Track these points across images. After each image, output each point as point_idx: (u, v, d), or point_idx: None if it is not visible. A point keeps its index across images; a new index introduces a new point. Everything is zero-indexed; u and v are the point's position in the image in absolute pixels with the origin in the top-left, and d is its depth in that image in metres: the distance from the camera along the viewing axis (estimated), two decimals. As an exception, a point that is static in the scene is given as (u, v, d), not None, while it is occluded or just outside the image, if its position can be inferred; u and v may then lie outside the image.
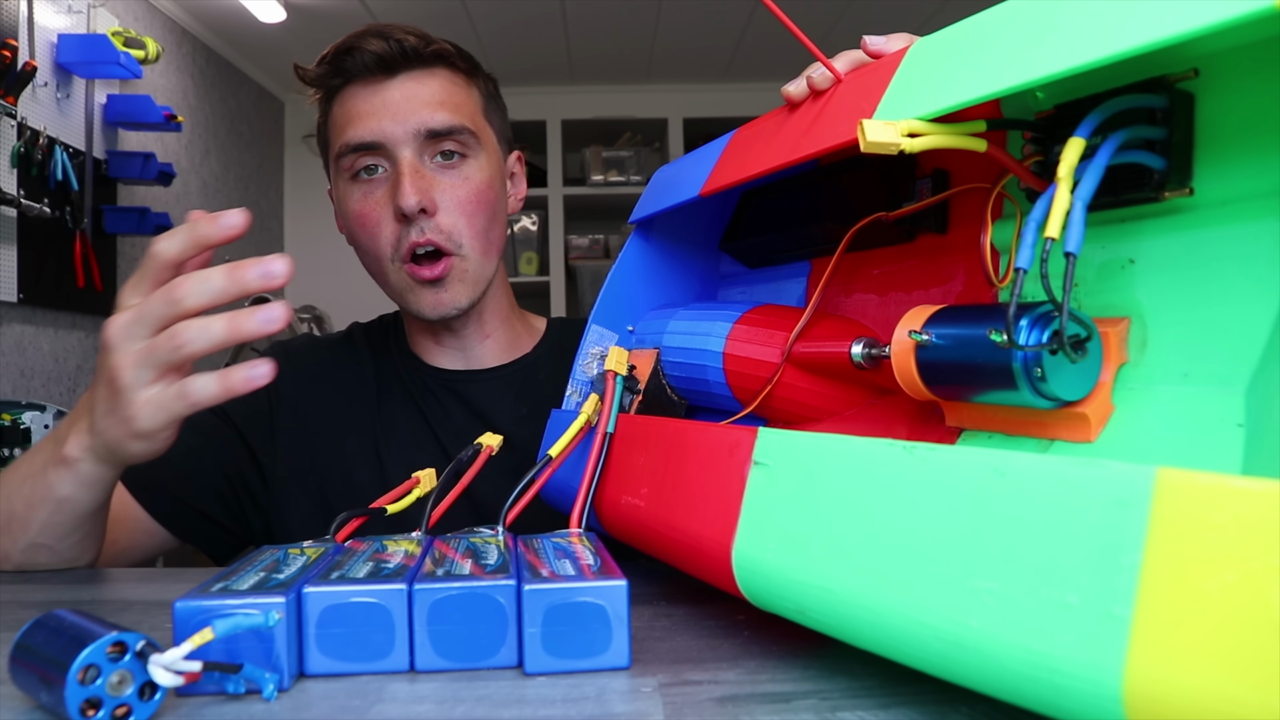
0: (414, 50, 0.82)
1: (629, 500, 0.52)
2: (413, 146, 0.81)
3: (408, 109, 0.81)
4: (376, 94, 0.81)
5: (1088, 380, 0.38)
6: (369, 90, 0.82)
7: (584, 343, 0.71)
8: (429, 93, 0.82)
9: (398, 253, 0.81)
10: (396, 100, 0.81)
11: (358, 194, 0.82)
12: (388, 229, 0.81)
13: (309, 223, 3.74)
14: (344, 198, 0.84)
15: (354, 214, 0.83)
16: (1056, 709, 0.27)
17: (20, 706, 0.37)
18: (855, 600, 0.33)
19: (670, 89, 3.83)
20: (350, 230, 0.85)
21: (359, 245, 0.85)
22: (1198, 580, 0.23)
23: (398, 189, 0.79)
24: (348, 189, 0.83)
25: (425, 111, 0.81)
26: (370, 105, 0.81)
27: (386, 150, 0.81)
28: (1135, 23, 0.30)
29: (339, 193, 0.85)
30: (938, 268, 0.53)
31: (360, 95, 0.82)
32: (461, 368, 0.91)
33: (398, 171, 0.80)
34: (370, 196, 0.82)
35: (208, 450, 0.85)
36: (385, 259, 0.82)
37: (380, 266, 0.83)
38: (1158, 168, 0.37)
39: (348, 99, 0.83)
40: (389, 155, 0.81)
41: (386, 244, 0.81)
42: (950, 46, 0.41)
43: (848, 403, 0.56)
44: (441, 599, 0.40)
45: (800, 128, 0.50)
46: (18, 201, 1.91)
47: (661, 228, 0.72)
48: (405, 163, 0.80)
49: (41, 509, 0.64)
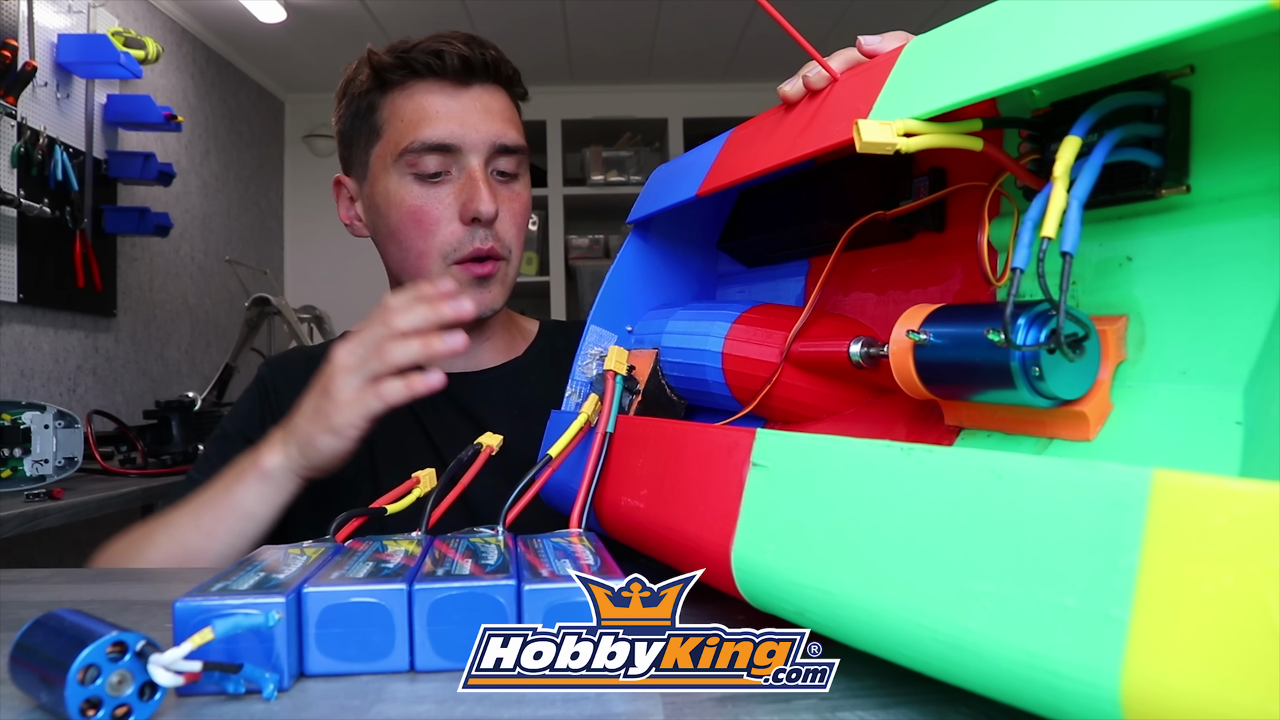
0: (494, 64, 0.85)
1: (628, 501, 0.52)
2: (483, 156, 0.83)
3: (485, 120, 0.83)
4: (455, 98, 0.83)
5: (1086, 379, 0.38)
6: (446, 93, 0.83)
7: (583, 343, 0.71)
8: (501, 108, 0.85)
9: (455, 253, 0.83)
10: (477, 109, 0.83)
11: (419, 192, 0.83)
12: (448, 229, 0.83)
13: (309, 223, 3.74)
14: (399, 192, 0.84)
15: (412, 209, 0.83)
16: (1054, 711, 0.27)
17: (20, 706, 0.37)
18: (854, 602, 0.33)
19: (670, 89, 3.83)
20: (395, 225, 0.84)
21: (403, 241, 0.84)
22: (1195, 582, 0.23)
23: (475, 195, 0.81)
24: (406, 185, 0.83)
25: (500, 126, 0.84)
26: (449, 109, 0.83)
27: (459, 154, 0.82)
28: (1131, 21, 0.30)
29: (389, 185, 0.84)
30: (935, 266, 0.53)
31: (437, 94, 0.83)
32: (457, 370, 0.92)
33: (471, 178, 0.82)
34: (435, 197, 0.83)
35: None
36: (434, 257, 0.83)
37: (423, 263, 0.84)
38: (1154, 165, 0.37)
39: (419, 95, 0.84)
40: (459, 160, 0.83)
41: (444, 243, 0.83)
42: (946, 45, 0.41)
43: (846, 402, 0.56)
44: (441, 599, 0.40)
45: (796, 127, 0.50)
46: (18, 201, 1.91)
47: (659, 227, 0.72)
48: (479, 170, 0.82)
49: (222, 531, 0.71)
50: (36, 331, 2.12)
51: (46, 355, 2.16)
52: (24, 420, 1.49)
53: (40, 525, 1.39)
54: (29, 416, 1.50)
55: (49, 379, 2.17)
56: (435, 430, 0.89)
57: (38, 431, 1.50)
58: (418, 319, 0.66)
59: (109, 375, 2.43)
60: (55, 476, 1.53)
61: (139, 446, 1.87)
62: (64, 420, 1.55)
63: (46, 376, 2.16)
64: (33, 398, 2.01)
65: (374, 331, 0.67)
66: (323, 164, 3.74)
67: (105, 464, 1.80)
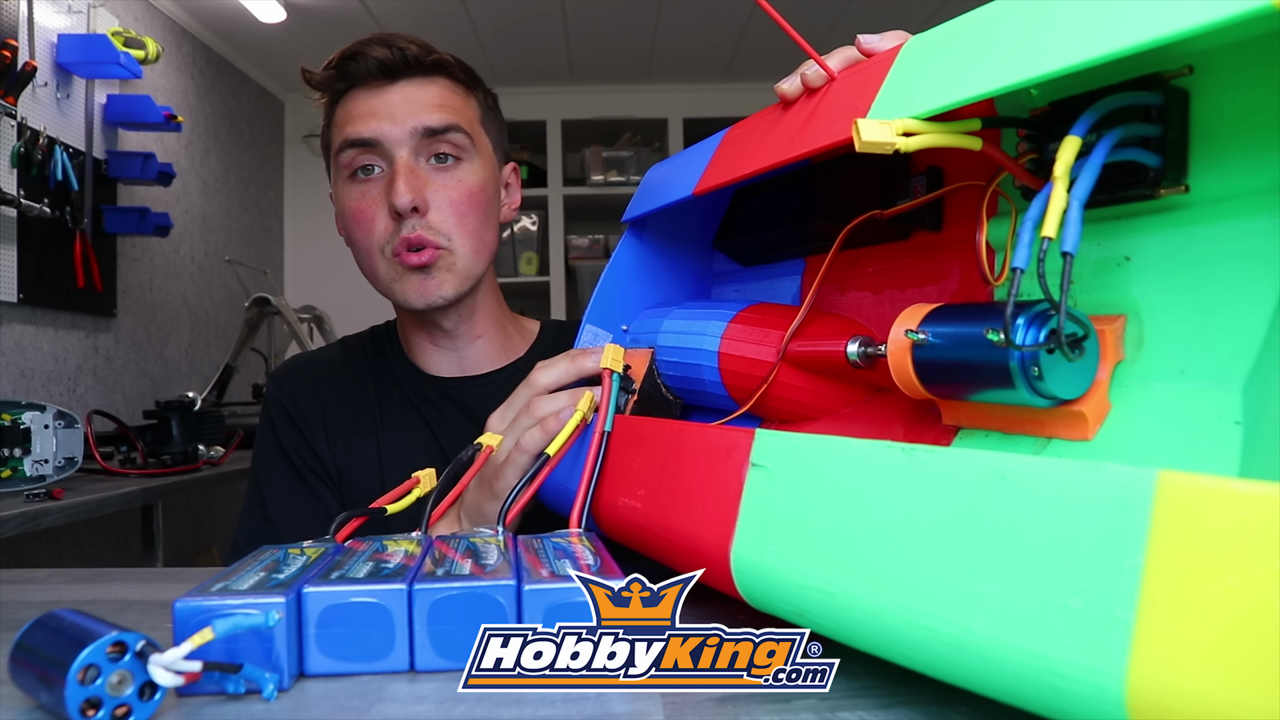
0: (415, 58, 0.85)
1: (626, 502, 0.52)
2: (409, 146, 0.83)
3: (406, 110, 0.83)
4: (377, 96, 0.84)
5: (1085, 378, 0.38)
6: (370, 93, 0.85)
7: (578, 342, 0.71)
8: (427, 96, 0.85)
9: (387, 246, 0.84)
10: (396, 103, 0.84)
11: (355, 192, 0.85)
12: (381, 225, 0.84)
13: (309, 223, 3.74)
14: (341, 196, 0.87)
15: (350, 210, 0.85)
16: (1058, 712, 0.27)
17: (20, 706, 0.37)
18: (855, 603, 0.33)
19: (670, 89, 3.83)
20: (346, 227, 0.87)
21: (354, 242, 0.87)
22: (1200, 583, 0.23)
23: (392, 187, 0.82)
24: (345, 188, 0.86)
25: (423, 113, 0.84)
26: (370, 106, 0.84)
27: (383, 149, 0.83)
28: (1130, 21, 0.30)
29: (339, 191, 0.88)
30: (933, 265, 0.53)
31: (362, 98, 0.85)
32: (457, 373, 0.93)
33: (393, 171, 0.83)
34: (366, 195, 0.84)
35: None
36: (376, 253, 0.85)
37: (371, 261, 0.86)
38: (1153, 165, 0.37)
39: (349, 102, 0.86)
40: (385, 154, 0.84)
41: (379, 238, 0.84)
42: (944, 44, 0.41)
43: (844, 401, 0.56)
44: (441, 599, 0.40)
45: (794, 126, 0.49)
46: (18, 201, 1.91)
47: (655, 226, 0.72)
48: (401, 162, 0.83)
49: None
50: (36, 331, 2.12)
51: (46, 355, 2.16)
52: (24, 420, 1.49)
53: (40, 525, 1.39)
54: (29, 416, 1.50)
55: (49, 379, 2.17)
56: (441, 433, 0.90)
57: (38, 431, 1.50)
58: (559, 375, 0.66)
59: (109, 375, 2.43)
60: (55, 476, 1.53)
61: (139, 446, 1.87)
62: (64, 420, 1.55)
63: (46, 376, 2.16)
64: (33, 398, 2.01)
65: (518, 394, 0.68)
66: (322, 164, 3.73)
67: (105, 464, 1.80)
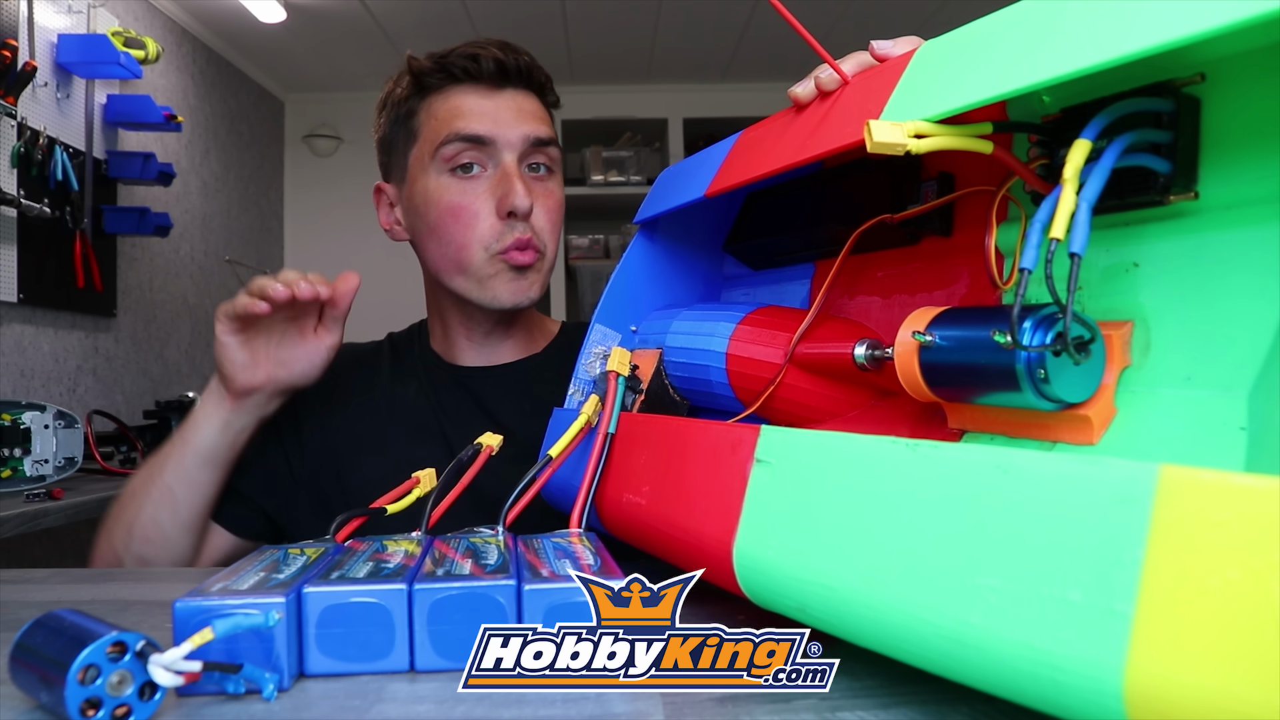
0: (527, 69, 0.89)
1: (630, 498, 0.52)
2: (517, 152, 0.86)
3: (518, 118, 0.87)
4: (489, 98, 0.88)
5: (1091, 383, 0.38)
6: (481, 94, 0.88)
7: (587, 342, 0.71)
8: (533, 107, 0.90)
9: (496, 245, 0.86)
10: (509, 108, 0.87)
11: (457, 187, 0.86)
12: (486, 222, 0.85)
13: (309, 223, 3.74)
14: (437, 188, 0.87)
15: (449, 204, 0.86)
16: (1058, 706, 0.27)
17: (20, 706, 0.37)
18: (857, 598, 0.33)
19: (670, 89, 3.83)
20: (436, 219, 0.87)
21: (445, 235, 0.87)
22: (1200, 577, 0.23)
23: (509, 189, 0.84)
24: (443, 182, 0.87)
25: (532, 122, 0.87)
26: (483, 106, 0.87)
27: (493, 150, 0.86)
28: (1142, 26, 0.30)
29: (427, 184, 0.88)
30: (942, 270, 0.53)
31: (471, 96, 0.88)
32: (479, 364, 0.94)
33: (506, 173, 0.85)
34: (469, 191, 0.86)
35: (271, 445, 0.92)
36: (475, 248, 0.86)
37: (465, 255, 0.86)
38: (1163, 171, 0.37)
39: (455, 97, 0.88)
40: (494, 156, 0.86)
41: (484, 236, 0.86)
42: (957, 49, 0.40)
43: (850, 404, 0.56)
44: (441, 599, 0.40)
45: (807, 129, 0.49)
46: (18, 201, 1.91)
47: (666, 228, 0.72)
48: (513, 166, 0.86)
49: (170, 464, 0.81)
50: (36, 331, 2.12)
51: (46, 355, 2.16)
52: (24, 420, 1.49)
53: (40, 525, 1.39)
54: (29, 416, 1.49)
55: (49, 379, 2.16)
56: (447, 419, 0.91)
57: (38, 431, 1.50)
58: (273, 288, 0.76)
59: (109, 375, 2.43)
60: (55, 476, 1.53)
61: (139, 446, 1.86)
62: (64, 420, 1.54)
63: (46, 376, 2.15)
64: (33, 398, 2.01)
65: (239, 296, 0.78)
66: (323, 164, 3.74)
67: (105, 464, 1.79)
